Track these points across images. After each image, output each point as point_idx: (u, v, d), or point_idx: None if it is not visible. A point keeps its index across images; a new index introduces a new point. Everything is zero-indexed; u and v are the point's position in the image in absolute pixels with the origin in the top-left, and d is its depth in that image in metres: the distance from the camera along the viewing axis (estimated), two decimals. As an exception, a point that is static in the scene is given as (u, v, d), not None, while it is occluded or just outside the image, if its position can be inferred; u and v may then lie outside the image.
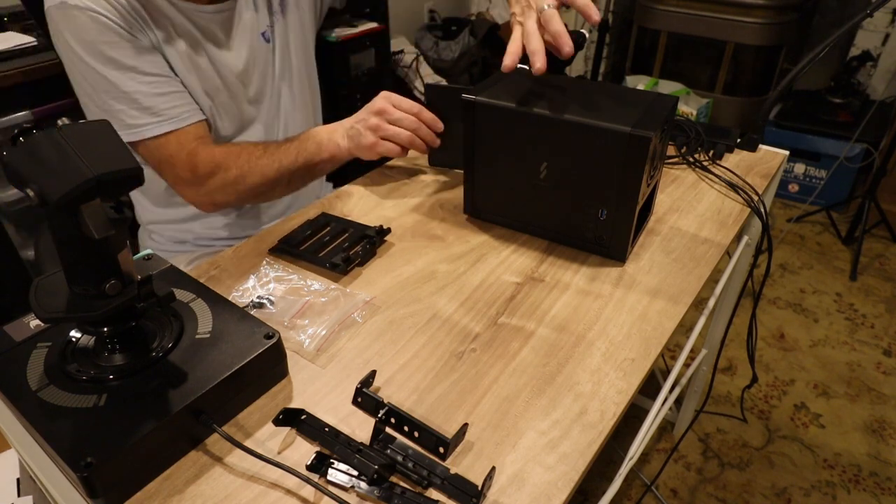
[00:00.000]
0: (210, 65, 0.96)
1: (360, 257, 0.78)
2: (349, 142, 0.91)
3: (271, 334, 0.59)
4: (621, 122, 0.69)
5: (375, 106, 0.88)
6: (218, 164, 0.91)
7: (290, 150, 0.93)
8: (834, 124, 2.41)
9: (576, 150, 0.73)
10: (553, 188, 0.77)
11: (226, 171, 0.91)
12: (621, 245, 0.77)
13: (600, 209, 0.75)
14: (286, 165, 0.92)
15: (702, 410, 1.33)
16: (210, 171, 0.91)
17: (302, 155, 0.92)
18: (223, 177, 0.91)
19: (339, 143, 0.92)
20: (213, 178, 0.91)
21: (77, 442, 0.49)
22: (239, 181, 0.92)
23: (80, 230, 0.46)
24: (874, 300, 2.04)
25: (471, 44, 2.83)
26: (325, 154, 0.93)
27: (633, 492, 1.45)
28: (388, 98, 0.88)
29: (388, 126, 0.88)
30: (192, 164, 0.91)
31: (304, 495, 0.51)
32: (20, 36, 1.54)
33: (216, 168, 0.91)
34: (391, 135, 0.88)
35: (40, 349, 0.57)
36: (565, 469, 0.53)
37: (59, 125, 0.47)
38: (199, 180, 0.92)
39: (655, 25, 2.69)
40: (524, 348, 0.65)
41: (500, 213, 0.84)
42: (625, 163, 0.70)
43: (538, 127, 0.73)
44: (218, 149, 0.92)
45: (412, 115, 0.88)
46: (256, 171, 0.92)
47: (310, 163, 0.93)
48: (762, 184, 0.96)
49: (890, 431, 1.59)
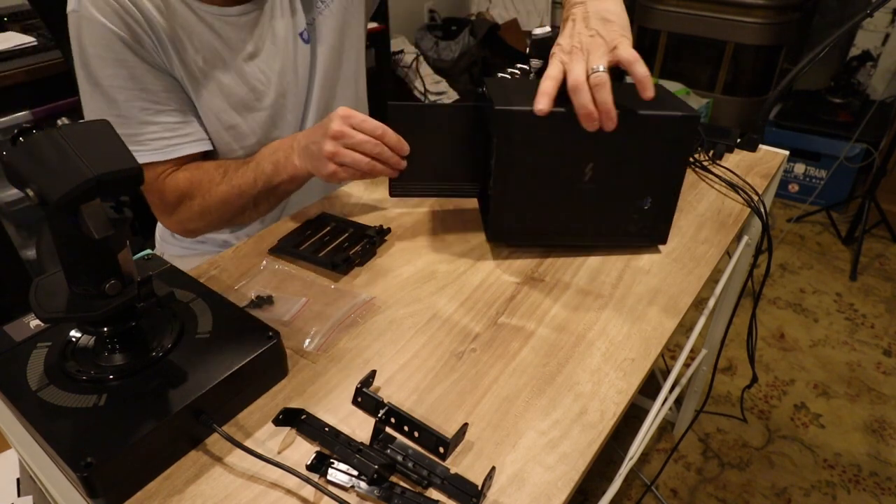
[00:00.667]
0: (236, 79, 0.88)
1: (360, 257, 0.78)
2: (304, 163, 0.81)
3: (271, 334, 0.59)
4: (665, 108, 0.70)
5: (332, 129, 0.75)
6: (182, 192, 0.87)
7: (247, 173, 0.85)
8: (834, 124, 2.41)
9: (625, 143, 0.71)
10: (596, 189, 0.75)
11: (191, 200, 0.87)
12: (665, 227, 0.78)
13: (646, 198, 0.75)
14: (246, 190, 0.85)
15: (702, 410, 1.33)
16: (177, 200, 0.88)
17: (260, 178, 0.85)
18: (189, 206, 0.87)
19: (296, 164, 0.82)
20: (180, 207, 0.88)
21: (77, 442, 0.49)
22: (204, 211, 0.88)
23: (80, 230, 0.46)
24: (874, 300, 2.05)
25: (471, 44, 2.83)
26: (283, 175, 0.83)
27: (633, 492, 1.45)
28: (346, 119, 0.75)
29: (346, 152, 0.75)
30: (161, 193, 0.87)
31: (304, 495, 0.51)
32: (20, 36, 1.54)
33: (182, 197, 0.87)
34: (349, 162, 0.76)
35: (40, 349, 0.57)
36: (565, 469, 0.53)
37: (59, 125, 0.47)
38: (169, 209, 0.89)
39: (655, 25, 2.69)
40: (524, 348, 0.65)
41: (533, 230, 0.79)
42: (675, 146, 0.72)
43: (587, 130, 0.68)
44: (182, 175, 0.87)
45: (374, 137, 0.75)
46: (218, 199, 0.86)
47: (269, 184, 0.84)
48: (762, 184, 0.96)
49: (890, 431, 1.59)
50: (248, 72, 0.89)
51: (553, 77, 0.67)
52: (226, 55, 0.87)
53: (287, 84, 0.93)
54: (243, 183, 0.85)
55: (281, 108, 0.94)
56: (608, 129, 0.66)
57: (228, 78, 0.88)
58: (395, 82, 2.67)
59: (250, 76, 0.89)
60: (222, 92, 0.88)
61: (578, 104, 0.65)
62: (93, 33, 0.78)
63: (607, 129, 0.66)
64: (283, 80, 0.92)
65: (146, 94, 0.83)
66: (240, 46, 0.88)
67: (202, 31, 0.84)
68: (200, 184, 0.87)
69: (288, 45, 0.91)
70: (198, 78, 0.86)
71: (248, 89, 0.90)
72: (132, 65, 0.81)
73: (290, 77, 0.93)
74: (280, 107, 0.94)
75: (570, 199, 0.75)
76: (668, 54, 2.75)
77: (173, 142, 0.86)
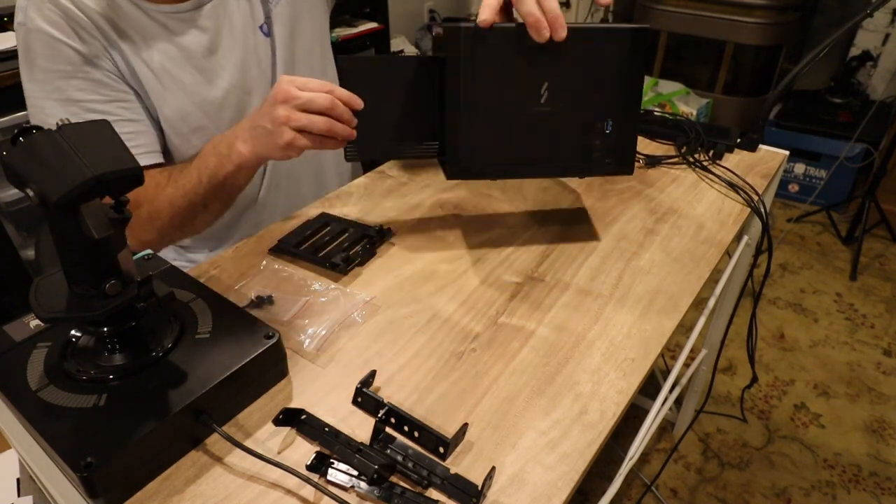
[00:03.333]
0: (197, 76, 0.85)
1: (360, 257, 0.78)
2: (254, 145, 0.75)
3: (271, 334, 0.59)
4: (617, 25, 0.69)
5: (278, 94, 0.70)
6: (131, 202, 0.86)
7: (191, 171, 0.80)
8: (834, 124, 2.41)
9: (578, 60, 0.70)
10: (555, 112, 0.72)
11: (138, 209, 0.83)
12: (630, 154, 0.76)
13: (606, 120, 0.73)
14: (191, 189, 0.80)
15: (702, 410, 1.33)
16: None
17: (204, 174, 0.79)
18: (137, 214, 0.82)
19: (242, 151, 0.75)
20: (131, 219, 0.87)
21: (77, 442, 0.49)
22: (153, 217, 0.83)
23: (80, 230, 0.46)
24: (874, 300, 2.04)
25: (471, 44, 2.83)
26: (229, 167, 0.77)
27: (633, 492, 1.45)
28: (290, 81, 0.70)
29: (299, 114, 0.70)
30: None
31: (304, 495, 0.51)
32: (20, 36, 1.54)
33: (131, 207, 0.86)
34: (305, 124, 0.70)
35: (40, 349, 0.57)
36: (565, 469, 0.53)
37: (59, 125, 0.47)
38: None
39: (655, 25, 2.69)
40: (524, 348, 0.65)
41: (495, 161, 0.74)
42: (629, 62, 0.70)
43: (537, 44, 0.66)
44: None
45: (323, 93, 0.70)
46: (165, 203, 0.82)
47: (215, 179, 0.79)
48: (762, 184, 0.96)
49: (890, 431, 1.59)
50: (208, 68, 0.87)
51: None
52: (184, 53, 0.84)
53: (251, 79, 0.91)
54: (187, 182, 0.81)
55: (247, 105, 0.92)
56: (559, 37, 0.64)
57: (189, 76, 0.85)
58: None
59: (211, 72, 0.87)
60: (185, 92, 0.86)
61: (526, 12, 0.63)
62: (41, 45, 0.77)
63: (558, 37, 0.64)
64: (246, 76, 0.90)
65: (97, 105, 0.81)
66: (197, 42, 0.85)
67: (157, 31, 0.82)
68: (146, 191, 0.83)
69: (247, 38, 0.88)
70: (160, 80, 0.84)
71: (211, 86, 0.87)
72: (82, 75, 0.79)
73: (253, 72, 0.91)
74: (246, 105, 0.92)
75: (529, 124, 0.72)
76: (668, 54, 2.75)
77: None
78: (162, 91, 0.84)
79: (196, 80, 0.86)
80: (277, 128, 0.71)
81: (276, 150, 0.73)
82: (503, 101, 0.71)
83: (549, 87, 0.71)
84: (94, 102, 0.81)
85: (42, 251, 1.07)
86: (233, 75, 0.89)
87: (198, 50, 0.85)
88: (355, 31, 2.21)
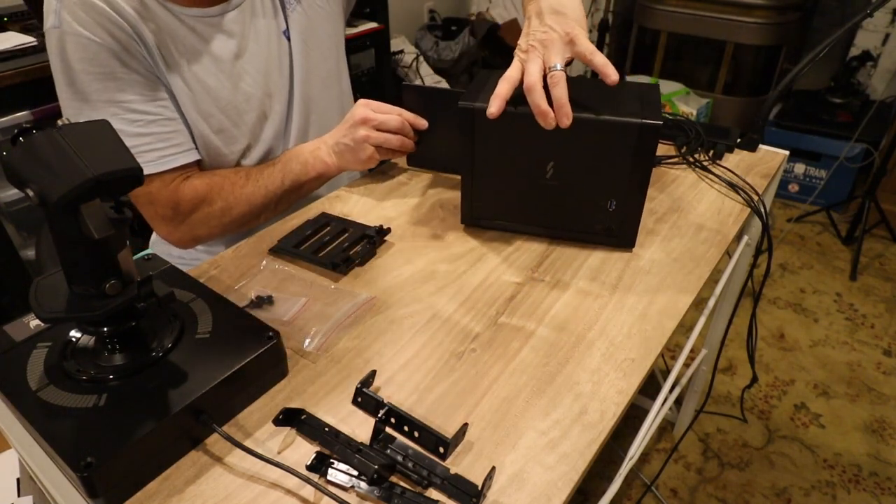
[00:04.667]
0: (223, 80, 0.88)
1: (360, 257, 0.78)
2: (338, 158, 0.89)
3: (271, 334, 0.59)
4: (627, 114, 0.69)
5: (357, 116, 0.86)
6: (202, 198, 0.86)
7: (274, 173, 0.89)
8: (834, 124, 2.41)
9: (585, 146, 0.72)
10: (560, 186, 0.76)
11: (210, 205, 0.87)
12: (631, 232, 0.78)
13: (610, 200, 0.75)
14: (272, 190, 0.89)
15: (702, 410, 1.33)
16: (193, 207, 0.86)
17: (288, 177, 0.89)
18: (207, 211, 0.87)
19: (326, 161, 0.89)
20: (196, 213, 0.87)
21: (77, 442, 0.49)
22: (224, 213, 0.88)
23: (80, 230, 0.46)
24: (874, 300, 2.04)
25: (471, 44, 2.83)
26: (312, 173, 0.90)
27: (633, 492, 1.45)
28: (367, 105, 0.87)
29: (377, 133, 0.86)
30: (175, 202, 0.86)
31: (304, 495, 0.51)
32: (20, 36, 1.54)
33: (199, 202, 0.86)
34: (382, 141, 0.86)
35: (40, 349, 0.57)
36: (565, 469, 0.53)
37: (59, 125, 0.47)
38: (181, 216, 0.87)
39: (655, 25, 2.69)
40: (524, 348, 0.65)
41: (502, 217, 0.83)
42: (636, 152, 0.71)
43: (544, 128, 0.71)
44: (199, 181, 0.87)
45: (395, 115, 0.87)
46: (242, 200, 0.88)
47: (297, 183, 0.90)
48: (762, 184, 0.96)
49: (890, 431, 1.59)
50: (233, 72, 0.89)
51: (509, 79, 0.69)
52: (211, 57, 0.86)
53: (273, 84, 0.93)
54: (270, 183, 0.89)
55: (268, 108, 0.94)
56: (564, 125, 0.67)
57: (214, 79, 0.87)
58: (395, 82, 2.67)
59: (236, 76, 0.89)
60: (210, 95, 0.87)
61: (533, 104, 0.66)
62: (78, 49, 0.77)
63: (563, 126, 0.67)
64: (268, 80, 0.92)
65: (133, 111, 0.81)
66: (224, 47, 0.87)
67: (185, 34, 0.83)
68: (222, 188, 0.87)
69: (271, 44, 0.91)
70: (187, 82, 0.85)
71: (235, 90, 0.89)
72: (121, 76, 0.79)
73: (275, 76, 0.93)
74: (267, 107, 0.94)
75: (535, 192, 0.78)
76: (668, 54, 2.75)
77: (167, 152, 0.84)
78: (187, 92, 0.85)
79: (221, 84, 0.88)
80: (359, 145, 0.86)
81: (357, 164, 0.89)
82: (512, 170, 0.77)
83: (554, 166, 0.75)
84: (134, 102, 0.81)
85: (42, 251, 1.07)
86: (256, 80, 0.91)
87: (224, 54, 0.87)
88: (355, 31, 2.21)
